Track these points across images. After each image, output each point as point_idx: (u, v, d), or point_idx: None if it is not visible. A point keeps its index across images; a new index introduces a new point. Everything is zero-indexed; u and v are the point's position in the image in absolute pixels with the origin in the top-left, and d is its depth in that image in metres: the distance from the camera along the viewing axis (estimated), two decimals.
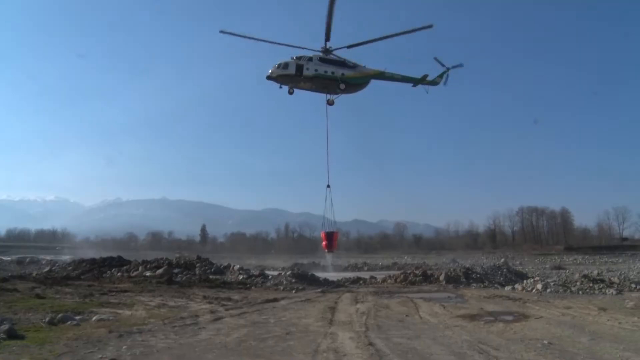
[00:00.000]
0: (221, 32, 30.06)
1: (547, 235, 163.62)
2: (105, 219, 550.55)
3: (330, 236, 30.74)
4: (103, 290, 28.41)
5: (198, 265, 43.01)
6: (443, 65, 33.46)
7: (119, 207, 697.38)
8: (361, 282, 38.07)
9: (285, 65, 30.41)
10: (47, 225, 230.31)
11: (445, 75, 33.75)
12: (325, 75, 30.85)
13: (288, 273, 38.10)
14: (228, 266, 44.45)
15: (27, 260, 73.16)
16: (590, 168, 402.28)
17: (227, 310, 20.88)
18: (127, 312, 19.57)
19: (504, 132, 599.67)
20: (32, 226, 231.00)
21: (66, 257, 78.31)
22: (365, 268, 68.59)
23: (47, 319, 16.36)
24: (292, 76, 30.36)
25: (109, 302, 22.79)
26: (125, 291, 28.10)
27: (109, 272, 41.38)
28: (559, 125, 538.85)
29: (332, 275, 44.11)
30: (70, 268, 45.27)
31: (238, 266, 44.08)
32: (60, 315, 16.88)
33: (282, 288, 32.46)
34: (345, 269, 66.70)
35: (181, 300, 24.69)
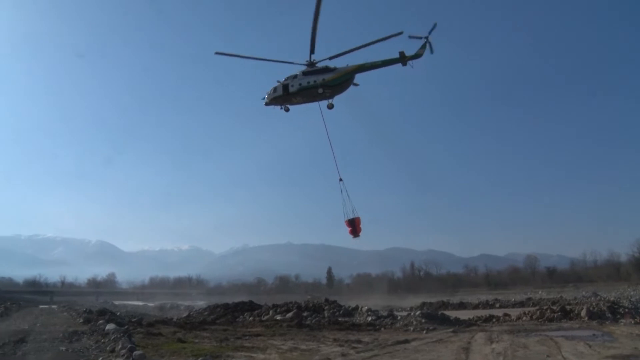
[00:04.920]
0: (217, 53, 34.48)
1: None
2: (234, 265, 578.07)
3: (352, 222, 32.20)
4: (237, 334, 29.34)
5: (326, 307, 43.36)
6: (420, 38, 32.75)
7: (246, 253, 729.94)
8: (494, 320, 36.53)
9: (274, 90, 33.92)
10: (183, 272, 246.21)
11: (426, 45, 32.86)
12: (308, 86, 33.17)
13: (417, 313, 37.22)
14: (356, 308, 44.25)
15: (168, 306, 78.93)
16: None
17: (358, 352, 20.66)
18: (261, 356, 20.01)
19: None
20: (171, 274, 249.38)
21: (201, 303, 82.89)
22: (497, 305, 64.91)
23: None
24: (281, 96, 33.72)
25: (244, 346, 23.44)
26: (258, 335, 28.84)
27: (241, 316, 43.02)
28: None
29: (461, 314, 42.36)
30: (206, 313, 47.73)
31: (366, 307, 43.72)
32: (200, 359, 17.84)
33: (412, 329, 31.72)
34: (476, 307, 63.65)
35: (312, 343, 24.78)
